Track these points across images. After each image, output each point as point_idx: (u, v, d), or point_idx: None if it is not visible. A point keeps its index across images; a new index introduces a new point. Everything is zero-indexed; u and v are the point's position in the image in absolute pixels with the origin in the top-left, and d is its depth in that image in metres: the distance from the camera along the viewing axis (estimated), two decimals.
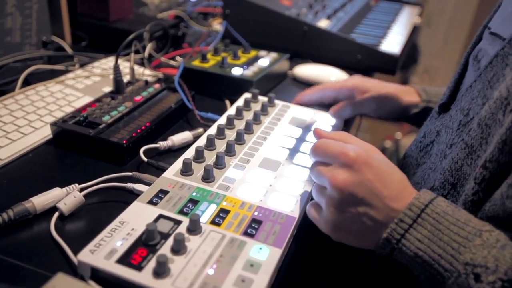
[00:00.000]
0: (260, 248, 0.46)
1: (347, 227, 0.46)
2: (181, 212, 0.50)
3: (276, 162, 0.61)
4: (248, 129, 0.68)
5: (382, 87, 0.78)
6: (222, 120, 0.71)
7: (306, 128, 0.71)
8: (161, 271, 0.42)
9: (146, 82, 0.80)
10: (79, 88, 0.81)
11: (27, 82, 0.80)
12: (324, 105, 0.80)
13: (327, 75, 0.94)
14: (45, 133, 0.67)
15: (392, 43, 1.08)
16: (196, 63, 0.87)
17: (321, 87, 0.79)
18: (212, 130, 0.67)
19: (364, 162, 0.45)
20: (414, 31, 1.28)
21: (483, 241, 0.40)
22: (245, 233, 0.48)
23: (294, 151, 0.64)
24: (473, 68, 0.57)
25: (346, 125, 0.78)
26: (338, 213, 0.46)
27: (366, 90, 0.77)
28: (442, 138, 0.57)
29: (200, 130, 0.70)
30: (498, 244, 0.39)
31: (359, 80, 0.79)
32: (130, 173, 0.59)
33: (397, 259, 0.44)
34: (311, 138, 0.68)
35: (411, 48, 1.47)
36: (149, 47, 0.93)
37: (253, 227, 0.49)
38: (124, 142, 0.62)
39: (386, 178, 0.45)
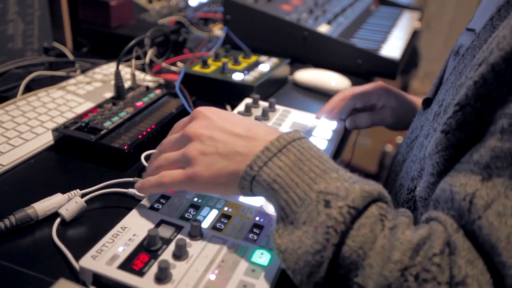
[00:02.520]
0: (262, 253, 0.46)
1: (212, 167, 0.47)
2: (182, 217, 0.50)
3: None
4: None
5: (402, 104, 0.76)
6: None
7: (307, 133, 0.71)
8: (162, 277, 0.42)
9: (147, 87, 0.80)
10: (81, 94, 0.81)
11: (28, 88, 0.80)
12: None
13: (327, 80, 0.94)
14: (47, 139, 0.67)
15: (392, 47, 1.09)
16: (197, 68, 0.87)
17: (340, 98, 0.77)
18: None
19: (212, 112, 0.50)
20: (414, 36, 1.28)
21: (339, 175, 0.42)
22: (247, 238, 0.48)
23: None
24: (452, 63, 0.59)
25: (347, 129, 0.78)
26: (202, 156, 0.47)
27: (385, 103, 0.76)
28: (423, 131, 0.58)
29: None
30: (350, 180, 0.41)
31: (382, 91, 0.76)
32: (131, 179, 0.59)
33: (257, 192, 0.45)
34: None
35: (412, 52, 1.48)
36: (150, 53, 0.94)
37: (254, 232, 0.49)
38: (125, 147, 0.62)
39: (235, 121, 0.49)
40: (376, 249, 0.37)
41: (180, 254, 0.45)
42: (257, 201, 0.54)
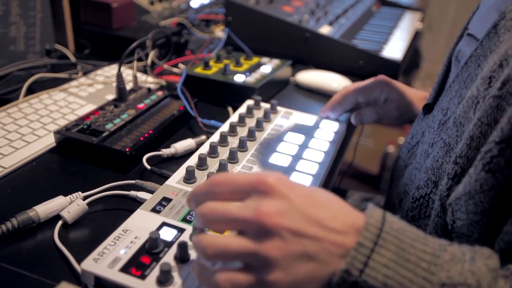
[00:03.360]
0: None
1: (297, 272, 0.36)
2: (184, 220, 0.50)
3: (278, 169, 0.61)
4: (251, 136, 0.68)
5: (403, 95, 0.75)
6: (225, 127, 0.71)
7: (309, 134, 0.71)
8: (164, 280, 0.42)
9: (149, 89, 0.80)
10: (82, 96, 0.81)
11: (30, 91, 0.80)
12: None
13: (329, 81, 0.94)
14: (49, 141, 0.67)
15: (394, 48, 1.09)
16: (199, 70, 0.87)
17: (342, 95, 0.76)
18: (215, 137, 0.68)
19: (287, 186, 0.37)
20: (416, 36, 1.28)
21: (452, 255, 0.35)
22: None
23: (296, 158, 0.64)
24: (455, 69, 0.58)
25: (349, 130, 0.78)
26: (286, 257, 0.35)
27: (388, 96, 0.75)
28: (426, 138, 0.57)
29: (203, 137, 0.70)
30: (467, 257, 0.36)
31: (383, 84, 0.75)
32: (133, 181, 0.59)
33: None
34: (314, 144, 0.68)
35: (413, 53, 1.47)
36: (151, 55, 0.94)
37: None
38: (127, 150, 0.62)
39: (316, 200, 0.38)
40: None
41: (181, 257, 0.44)
42: None
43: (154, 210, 0.52)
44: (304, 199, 0.37)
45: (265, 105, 0.78)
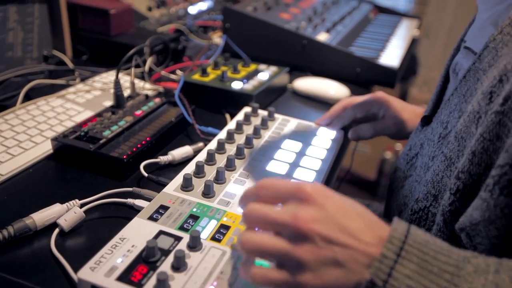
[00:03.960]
0: (261, 265, 0.46)
1: (326, 277, 0.38)
2: (181, 228, 0.50)
3: (276, 177, 0.61)
4: (248, 143, 0.68)
5: (401, 112, 0.75)
6: (222, 134, 0.71)
7: (306, 142, 0.71)
8: None
9: (147, 96, 0.80)
10: (80, 102, 0.81)
11: (28, 97, 0.80)
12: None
13: (326, 88, 0.94)
14: (46, 148, 0.67)
15: (391, 56, 1.09)
16: (196, 77, 0.87)
17: (340, 107, 0.76)
18: (212, 144, 0.68)
19: (324, 196, 0.40)
20: (413, 43, 1.29)
21: (475, 267, 0.36)
22: None
23: (294, 166, 0.64)
24: (453, 81, 0.59)
25: (346, 136, 0.78)
26: (316, 261, 0.38)
27: (386, 113, 0.76)
28: (425, 151, 0.58)
29: (201, 144, 0.71)
30: (491, 269, 0.36)
31: (382, 101, 0.76)
32: (130, 189, 0.59)
33: None
34: (311, 152, 0.68)
35: (410, 59, 1.48)
36: (149, 61, 0.94)
37: None
38: (124, 157, 0.62)
39: (349, 211, 0.40)
40: None
41: (178, 265, 0.44)
42: None
43: (151, 218, 0.51)
44: (338, 209, 0.40)
45: (262, 112, 0.78)
